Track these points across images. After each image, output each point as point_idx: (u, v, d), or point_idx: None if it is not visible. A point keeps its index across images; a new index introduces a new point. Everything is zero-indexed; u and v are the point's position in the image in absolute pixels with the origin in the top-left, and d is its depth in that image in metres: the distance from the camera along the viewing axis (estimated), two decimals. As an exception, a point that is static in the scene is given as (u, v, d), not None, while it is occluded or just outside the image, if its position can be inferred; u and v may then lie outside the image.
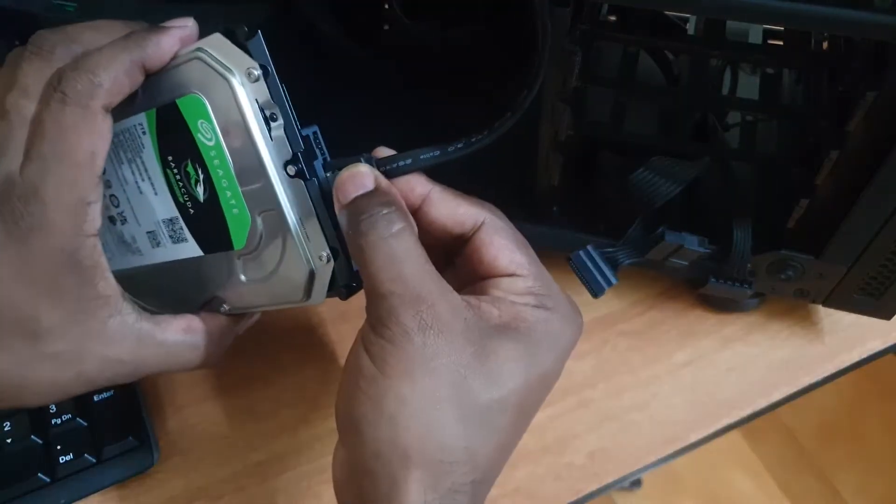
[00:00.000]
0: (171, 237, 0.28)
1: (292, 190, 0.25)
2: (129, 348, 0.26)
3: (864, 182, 0.28)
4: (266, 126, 0.25)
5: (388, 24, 0.50)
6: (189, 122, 0.25)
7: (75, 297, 0.25)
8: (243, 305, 0.29)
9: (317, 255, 0.26)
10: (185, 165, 0.26)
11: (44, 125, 0.23)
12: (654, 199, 0.32)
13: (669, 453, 0.37)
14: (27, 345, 0.25)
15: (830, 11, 0.24)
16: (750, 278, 0.36)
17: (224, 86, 0.24)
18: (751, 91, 0.39)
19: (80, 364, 0.26)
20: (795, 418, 1.20)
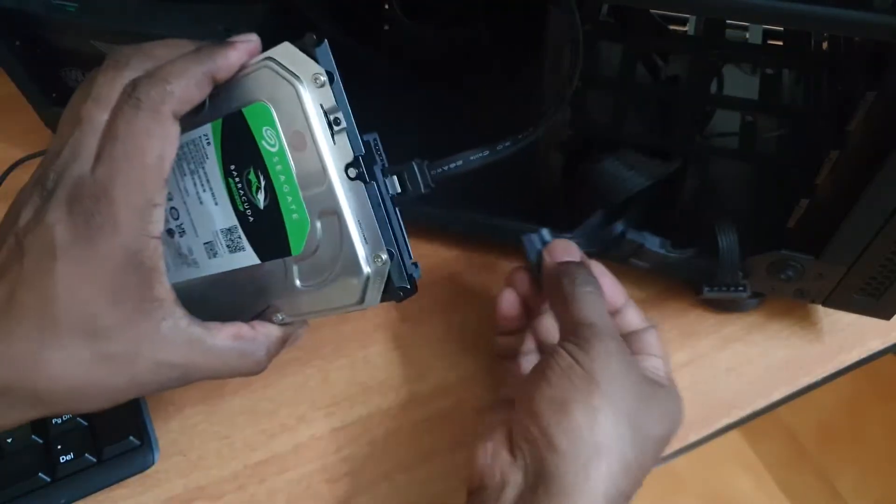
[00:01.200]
0: (228, 246, 0.28)
1: (352, 193, 0.26)
2: (181, 352, 0.27)
3: (863, 182, 0.28)
4: (329, 130, 0.26)
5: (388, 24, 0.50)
6: (254, 130, 0.26)
7: (134, 299, 0.25)
8: (298, 312, 0.29)
9: (374, 257, 0.27)
10: (247, 173, 0.27)
11: (116, 129, 0.24)
12: (619, 191, 0.32)
13: (669, 453, 0.37)
14: (85, 345, 0.25)
15: (830, 12, 0.24)
16: (743, 282, 0.36)
17: (291, 92, 0.25)
18: (751, 91, 0.39)
19: (134, 367, 0.26)
20: (795, 418, 1.20)
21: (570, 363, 0.28)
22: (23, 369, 0.25)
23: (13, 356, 0.25)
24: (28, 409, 0.26)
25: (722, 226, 0.33)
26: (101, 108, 0.25)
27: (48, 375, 0.25)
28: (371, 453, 0.37)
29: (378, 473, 0.36)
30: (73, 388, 0.25)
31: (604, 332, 0.29)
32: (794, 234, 0.34)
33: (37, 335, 0.25)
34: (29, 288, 0.25)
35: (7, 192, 0.47)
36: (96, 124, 0.25)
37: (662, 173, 0.33)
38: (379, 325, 0.41)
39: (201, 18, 0.37)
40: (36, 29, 0.40)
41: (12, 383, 0.25)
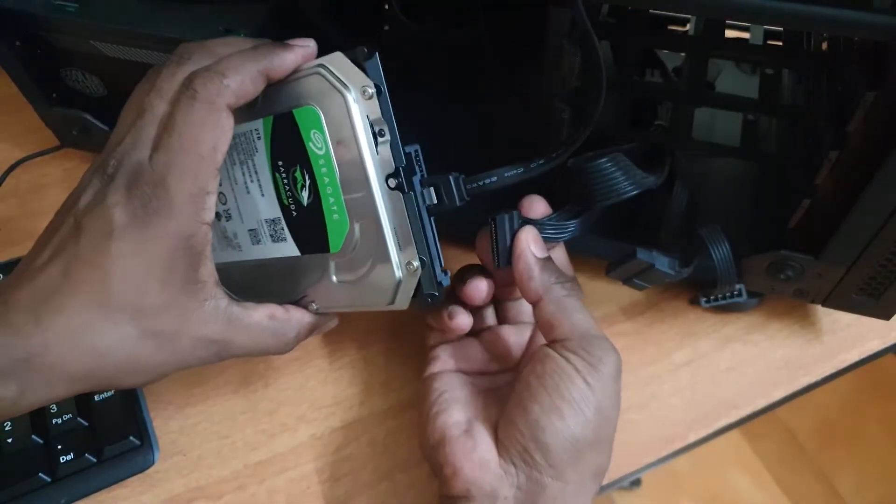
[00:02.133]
0: (271, 236, 0.30)
1: (391, 201, 0.27)
2: (220, 329, 0.28)
3: (863, 182, 0.28)
4: (374, 141, 0.27)
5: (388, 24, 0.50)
6: (302, 131, 0.28)
7: (180, 280, 0.27)
8: (331, 305, 0.31)
9: (406, 264, 0.28)
10: (293, 171, 0.28)
11: (174, 119, 0.26)
12: (610, 193, 0.32)
13: (669, 453, 0.37)
14: (133, 321, 0.26)
15: (829, 12, 0.24)
16: (739, 286, 0.36)
17: (339, 100, 0.26)
18: (751, 91, 0.39)
19: (176, 343, 0.27)
20: (795, 418, 1.20)
21: (581, 385, 0.28)
22: (73, 344, 0.26)
23: (65, 330, 0.25)
24: (74, 384, 0.27)
25: (712, 236, 0.33)
26: (163, 98, 0.26)
27: (98, 349, 0.26)
28: (371, 453, 0.37)
29: (378, 473, 0.36)
30: (119, 363, 0.27)
31: (604, 341, 0.30)
32: (794, 234, 0.34)
33: (89, 311, 0.26)
34: (85, 265, 0.26)
35: (7, 193, 0.48)
36: (157, 114, 0.26)
37: (650, 185, 0.32)
38: (379, 325, 0.41)
39: (201, 18, 0.37)
40: (36, 29, 0.40)
41: (64, 357, 0.26)
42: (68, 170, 0.50)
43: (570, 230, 0.32)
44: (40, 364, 0.25)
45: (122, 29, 0.38)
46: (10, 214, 0.47)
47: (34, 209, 0.47)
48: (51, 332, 0.25)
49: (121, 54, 0.39)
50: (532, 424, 0.28)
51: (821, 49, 0.38)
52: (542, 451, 0.28)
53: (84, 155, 0.50)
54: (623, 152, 0.32)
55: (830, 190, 0.31)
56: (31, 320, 0.25)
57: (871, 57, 0.29)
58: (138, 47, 0.39)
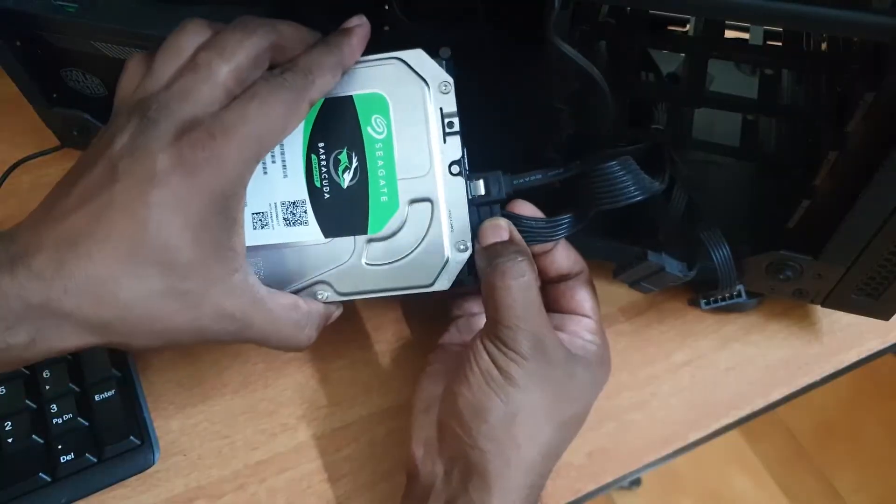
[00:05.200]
0: (285, 220, 0.30)
1: (449, 186, 0.30)
2: (243, 306, 0.27)
3: (862, 183, 0.28)
4: (443, 131, 0.30)
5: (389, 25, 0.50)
6: (360, 115, 0.29)
7: (213, 242, 0.26)
8: (353, 290, 0.30)
9: (457, 244, 0.30)
10: (337, 153, 0.29)
11: (259, 90, 0.26)
12: (618, 197, 0.32)
13: (668, 453, 0.37)
14: (160, 276, 0.25)
15: (829, 12, 0.24)
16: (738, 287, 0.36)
17: (417, 91, 0.29)
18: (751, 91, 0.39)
19: (198, 309, 0.26)
20: (794, 418, 1.20)
21: (489, 366, 0.29)
22: (96, 293, 0.25)
23: (90, 278, 0.25)
24: (88, 335, 0.26)
25: (712, 239, 0.33)
26: (225, 60, 0.26)
27: (120, 301, 0.25)
28: (371, 453, 0.37)
29: (378, 474, 0.36)
30: (139, 318, 0.26)
31: (526, 333, 0.29)
32: (793, 234, 0.34)
33: (117, 260, 0.25)
34: (118, 210, 0.25)
35: (7, 193, 0.48)
36: (215, 73, 0.26)
37: (655, 190, 0.33)
38: (379, 325, 0.41)
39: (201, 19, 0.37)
40: (36, 29, 0.40)
41: (83, 305, 0.25)
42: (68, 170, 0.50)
43: (560, 232, 0.33)
44: (57, 310, 0.24)
45: (122, 29, 0.38)
46: (10, 214, 0.47)
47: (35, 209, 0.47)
48: (74, 278, 0.24)
49: (121, 54, 0.39)
50: (448, 396, 0.30)
51: (820, 49, 0.38)
52: (456, 419, 0.29)
53: (84, 155, 0.50)
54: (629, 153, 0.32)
55: (830, 190, 0.31)
56: (52, 265, 0.24)
57: (871, 57, 0.29)
58: (138, 47, 0.39)
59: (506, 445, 0.29)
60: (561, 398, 0.30)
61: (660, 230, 0.35)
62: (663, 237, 0.35)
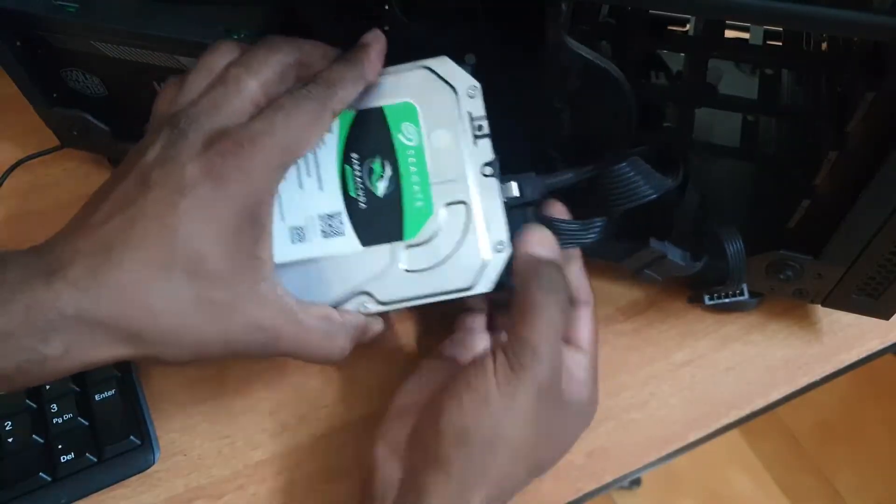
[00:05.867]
0: (322, 232, 0.30)
1: (485, 187, 0.30)
2: (272, 317, 0.27)
3: (862, 183, 0.28)
4: (473, 134, 0.30)
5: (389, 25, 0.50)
6: (391, 124, 0.30)
7: (243, 251, 0.26)
8: (393, 298, 0.30)
9: (496, 244, 0.30)
10: (370, 162, 0.30)
11: (284, 102, 0.27)
12: (630, 197, 0.32)
13: (668, 453, 0.37)
14: (190, 285, 0.26)
15: (829, 12, 0.24)
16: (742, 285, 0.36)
17: (446, 98, 0.30)
18: (751, 91, 0.39)
19: (228, 319, 0.26)
20: (794, 418, 1.20)
21: (491, 386, 0.28)
22: (128, 300, 0.25)
23: (122, 285, 0.25)
24: (120, 345, 0.26)
25: (727, 234, 0.33)
26: (252, 76, 0.27)
27: (152, 309, 0.25)
28: (371, 453, 0.37)
29: (378, 473, 0.36)
30: (169, 328, 0.26)
31: (546, 361, 0.28)
32: (793, 234, 0.34)
33: (149, 267, 0.25)
34: (150, 219, 0.25)
35: (8, 193, 0.48)
36: (243, 86, 0.27)
37: (668, 187, 0.33)
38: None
39: (202, 18, 0.37)
40: (36, 29, 0.40)
41: (115, 314, 0.25)
42: (69, 170, 0.50)
43: (592, 236, 0.33)
44: (90, 319, 0.25)
45: (122, 29, 0.38)
46: (11, 214, 0.47)
47: (35, 209, 0.48)
48: (107, 286, 0.25)
49: (121, 54, 0.39)
50: (433, 407, 0.29)
51: (820, 49, 0.38)
52: (434, 433, 0.28)
53: (84, 155, 0.50)
54: (639, 154, 0.32)
55: (830, 190, 0.31)
56: (87, 274, 0.25)
57: (871, 57, 0.29)
58: (139, 47, 0.39)
59: (474, 474, 0.28)
60: (546, 441, 0.30)
61: (674, 226, 0.35)
62: (675, 234, 0.35)
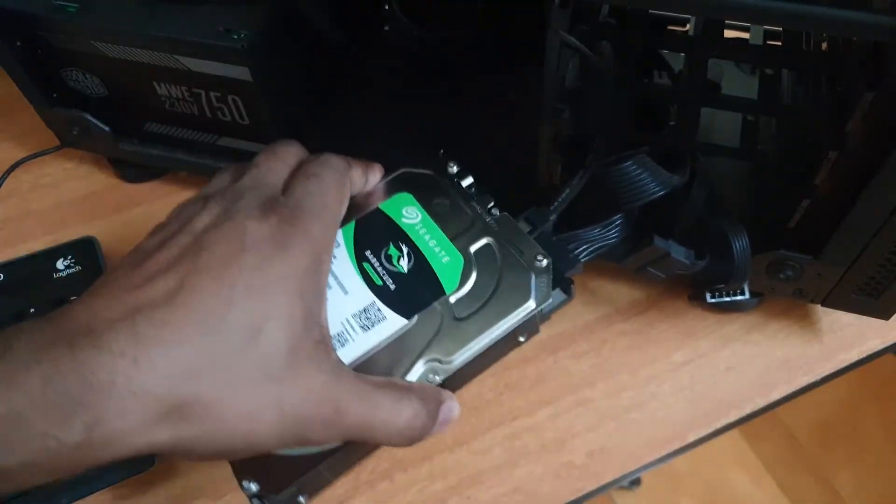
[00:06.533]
0: (363, 327, 0.29)
1: (500, 223, 0.32)
2: (332, 384, 0.25)
3: (862, 182, 0.28)
4: (467, 194, 0.33)
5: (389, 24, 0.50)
6: (392, 215, 0.32)
7: (304, 313, 0.25)
8: (459, 348, 0.29)
9: (532, 259, 0.31)
10: (385, 250, 0.31)
11: (314, 170, 0.29)
12: (638, 195, 0.32)
13: (668, 452, 0.37)
14: (243, 347, 0.23)
15: (828, 12, 0.24)
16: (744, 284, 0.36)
17: (434, 182, 0.33)
18: (751, 91, 0.39)
19: (284, 388, 0.24)
20: (794, 417, 1.20)
21: None
22: (171, 361, 0.22)
23: (165, 346, 0.22)
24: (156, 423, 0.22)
25: (733, 231, 0.33)
26: (282, 162, 0.29)
27: (195, 368, 0.22)
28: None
29: (377, 473, 0.36)
30: (218, 397, 0.23)
31: None
32: (793, 234, 0.34)
33: (197, 325, 0.22)
34: (206, 276, 0.23)
35: (8, 192, 0.48)
36: (276, 169, 0.29)
37: (676, 183, 0.33)
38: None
39: (201, 18, 0.37)
40: (36, 29, 0.40)
41: (155, 379, 0.22)
42: (68, 170, 0.50)
43: (614, 235, 0.34)
44: (124, 387, 0.21)
45: (122, 29, 0.38)
46: (11, 214, 0.47)
47: (35, 209, 0.48)
48: (148, 348, 0.22)
49: (121, 54, 0.39)
50: None
51: (820, 49, 0.38)
52: None
53: (84, 155, 0.50)
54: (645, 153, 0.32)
55: (830, 190, 0.31)
56: (123, 336, 0.22)
57: (871, 57, 0.29)
58: (138, 47, 0.39)
59: None
60: None
61: (677, 223, 0.35)
62: (678, 231, 0.35)
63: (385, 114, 0.46)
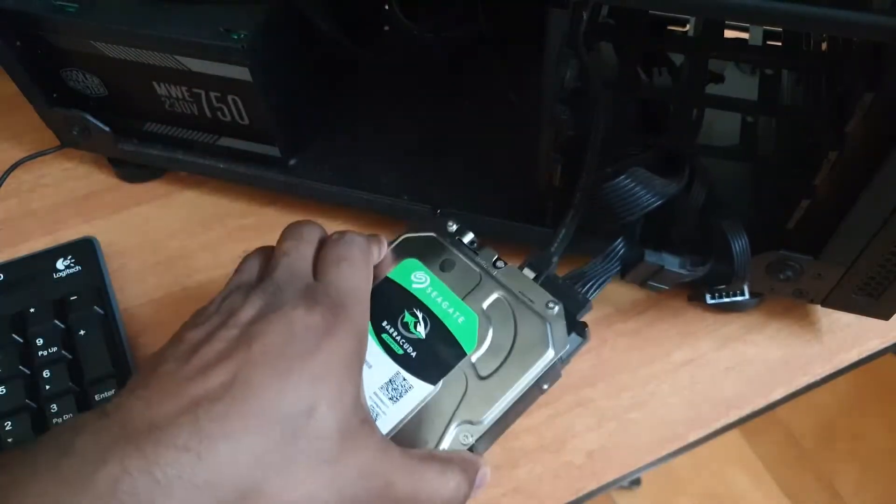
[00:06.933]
0: (391, 398, 0.30)
1: (506, 275, 0.32)
2: (380, 460, 0.26)
3: (862, 183, 0.28)
4: (470, 248, 0.34)
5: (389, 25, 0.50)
6: (402, 282, 0.33)
7: (350, 399, 0.26)
8: (488, 406, 0.30)
9: (544, 307, 0.31)
10: (401, 319, 0.31)
11: (341, 253, 0.29)
12: (634, 208, 0.32)
13: (668, 452, 0.37)
14: (298, 432, 0.24)
15: (828, 12, 0.24)
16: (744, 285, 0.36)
17: (433, 241, 0.34)
18: (750, 92, 0.39)
19: (339, 469, 0.24)
20: (794, 418, 1.20)
21: None
22: (234, 451, 0.22)
23: (228, 438, 0.22)
24: None
25: (733, 231, 0.33)
26: (308, 245, 0.30)
27: (258, 457, 0.23)
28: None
29: (378, 473, 0.36)
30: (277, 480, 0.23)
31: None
32: (793, 234, 0.34)
33: (255, 416, 0.23)
34: (259, 367, 0.24)
35: (8, 192, 0.48)
36: (305, 254, 0.29)
37: (672, 192, 0.33)
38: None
39: (201, 18, 0.37)
40: (36, 29, 0.40)
41: (218, 472, 0.22)
42: (68, 169, 0.50)
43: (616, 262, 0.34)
44: (189, 482, 0.21)
45: (122, 29, 0.38)
46: (11, 214, 0.47)
47: (35, 209, 0.48)
48: (208, 440, 0.22)
49: (121, 54, 0.40)
50: None
51: (820, 50, 0.38)
52: None
53: (84, 155, 0.50)
54: (641, 161, 0.32)
55: (829, 190, 0.31)
56: (188, 432, 0.22)
57: (870, 57, 0.29)
58: (138, 47, 0.39)
59: None
60: None
61: (675, 226, 0.35)
62: (677, 233, 0.35)
63: (385, 114, 0.46)
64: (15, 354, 0.37)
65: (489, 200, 0.40)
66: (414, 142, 0.44)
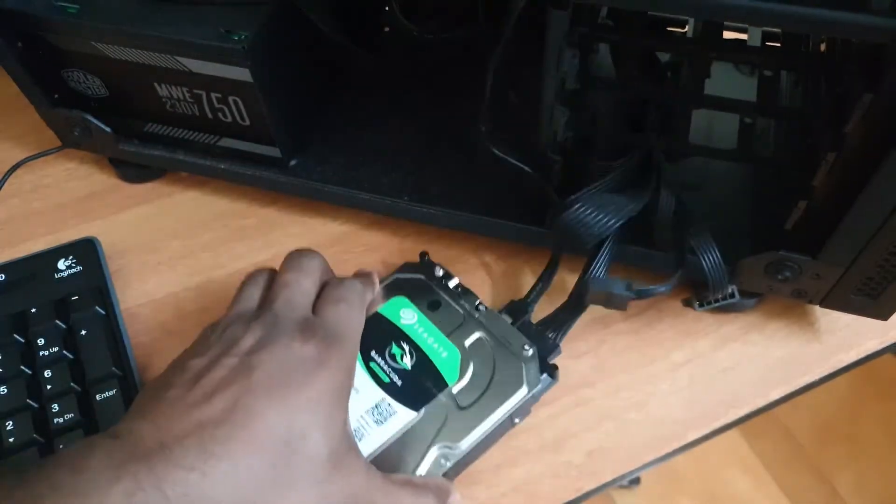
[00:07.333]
0: (376, 422, 0.33)
1: (487, 317, 0.36)
2: (364, 484, 0.28)
3: (861, 184, 0.28)
4: (455, 291, 0.37)
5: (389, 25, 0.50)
6: (391, 317, 0.36)
7: (339, 425, 0.28)
8: (465, 433, 0.33)
9: (520, 349, 0.35)
10: (388, 350, 0.35)
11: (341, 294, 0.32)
12: (595, 233, 0.34)
13: (667, 452, 0.37)
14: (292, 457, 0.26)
15: (827, 14, 0.24)
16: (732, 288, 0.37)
17: (424, 285, 0.38)
18: (749, 92, 0.40)
19: (328, 497, 0.26)
20: (793, 417, 1.20)
21: None
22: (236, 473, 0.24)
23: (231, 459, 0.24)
24: None
25: (702, 245, 0.34)
26: (305, 275, 0.32)
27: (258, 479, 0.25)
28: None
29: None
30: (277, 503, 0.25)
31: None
32: (792, 234, 0.34)
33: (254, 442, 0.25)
34: (260, 395, 0.26)
35: (9, 193, 0.48)
36: (306, 289, 0.31)
37: (634, 209, 0.33)
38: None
39: (202, 19, 0.37)
40: (37, 30, 0.40)
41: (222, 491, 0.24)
42: (70, 170, 0.50)
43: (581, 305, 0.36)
44: (195, 500, 0.23)
45: (123, 30, 0.38)
46: (12, 214, 0.47)
47: (36, 209, 0.48)
48: (213, 461, 0.24)
49: (122, 55, 0.40)
50: None
51: (819, 51, 0.38)
52: None
53: (85, 155, 0.50)
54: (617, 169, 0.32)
55: (828, 191, 0.31)
56: (194, 453, 0.24)
57: (869, 59, 0.29)
58: (139, 48, 0.39)
59: None
60: None
61: (654, 232, 0.35)
62: (657, 239, 0.35)
63: (385, 114, 0.46)
64: (16, 354, 0.37)
65: (489, 200, 0.40)
66: (414, 142, 0.44)
